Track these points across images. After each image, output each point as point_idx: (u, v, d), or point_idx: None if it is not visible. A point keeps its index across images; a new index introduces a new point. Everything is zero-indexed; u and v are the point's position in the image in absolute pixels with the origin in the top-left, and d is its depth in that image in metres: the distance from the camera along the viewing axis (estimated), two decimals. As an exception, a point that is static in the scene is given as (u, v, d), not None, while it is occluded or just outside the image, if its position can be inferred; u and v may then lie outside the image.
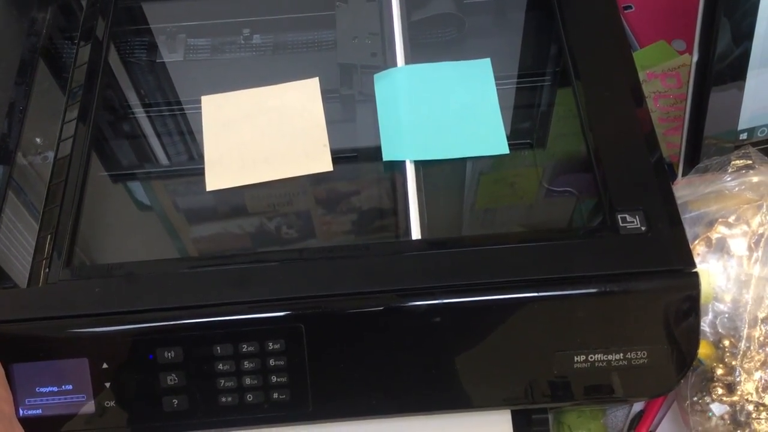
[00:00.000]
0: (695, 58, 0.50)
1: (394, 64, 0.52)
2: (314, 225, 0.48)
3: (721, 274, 0.51)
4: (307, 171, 0.48)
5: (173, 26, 0.59)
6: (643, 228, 0.44)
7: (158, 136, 0.54)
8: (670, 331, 0.43)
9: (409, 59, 0.52)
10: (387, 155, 0.48)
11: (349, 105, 0.53)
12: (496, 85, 0.52)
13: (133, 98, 0.56)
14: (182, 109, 0.55)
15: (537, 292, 0.42)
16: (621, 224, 0.44)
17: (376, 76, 0.52)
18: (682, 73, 0.64)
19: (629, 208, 0.45)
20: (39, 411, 0.42)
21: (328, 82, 0.52)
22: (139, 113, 0.55)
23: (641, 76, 0.51)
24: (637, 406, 0.51)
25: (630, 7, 0.68)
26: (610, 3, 0.54)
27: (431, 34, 0.56)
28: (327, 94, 0.52)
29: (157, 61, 0.57)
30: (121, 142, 0.54)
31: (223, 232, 0.48)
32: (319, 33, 0.58)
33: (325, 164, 0.48)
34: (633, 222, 0.44)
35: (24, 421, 0.41)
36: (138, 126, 0.55)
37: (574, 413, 0.50)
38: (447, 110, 0.50)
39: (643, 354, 0.43)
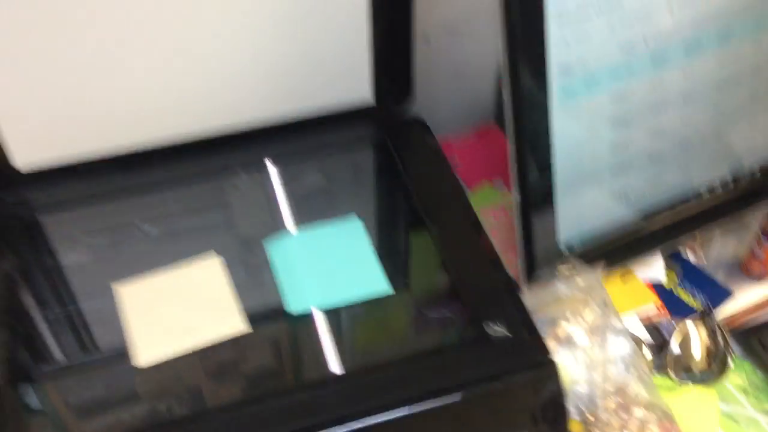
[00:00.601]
0: (516, 198, 0.63)
1: (283, 228, 0.62)
2: (235, 378, 0.55)
3: (572, 362, 0.63)
4: (226, 335, 0.55)
5: (69, 231, 0.65)
6: (507, 333, 0.55)
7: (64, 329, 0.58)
8: (546, 411, 0.53)
9: (293, 222, 0.63)
10: (290, 308, 0.57)
11: (249, 270, 0.61)
12: (366, 235, 0.62)
13: (40, 296, 0.60)
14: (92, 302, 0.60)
15: (433, 399, 0.51)
16: (490, 333, 0.55)
17: (265, 242, 0.61)
18: (506, 207, 0.78)
19: (494, 319, 0.56)
20: None
21: (224, 254, 0.61)
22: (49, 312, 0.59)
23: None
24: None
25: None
26: (444, 163, 0.68)
27: (305, 201, 0.67)
28: (228, 263, 0.60)
29: (58, 263, 0.63)
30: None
31: (153, 408, 0.53)
32: (207, 216, 0.67)
33: (241, 326, 0.56)
34: (499, 330, 0.55)
35: None
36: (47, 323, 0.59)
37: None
38: (332, 263, 0.60)
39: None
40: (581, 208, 0.67)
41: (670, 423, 0.59)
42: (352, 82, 0.72)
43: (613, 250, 0.69)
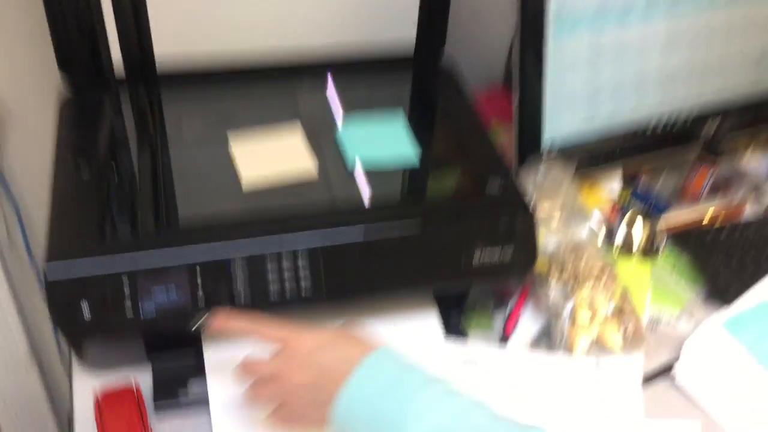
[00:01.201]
0: (516, 98, 0.88)
1: (342, 118, 0.87)
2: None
3: (543, 231, 0.87)
4: (301, 177, 0.80)
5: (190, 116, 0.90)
6: (501, 191, 0.79)
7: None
8: (525, 237, 0.77)
9: (350, 114, 0.88)
10: (347, 164, 0.82)
11: (320, 141, 0.86)
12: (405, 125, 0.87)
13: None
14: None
15: (437, 225, 0.75)
16: (487, 192, 0.79)
17: (331, 126, 0.86)
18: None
19: (491, 185, 0.80)
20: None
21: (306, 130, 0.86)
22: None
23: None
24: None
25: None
26: (464, 88, 0.93)
27: (359, 103, 0.92)
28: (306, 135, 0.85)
29: (184, 134, 0.88)
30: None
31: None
32: (286, 109, 0.92)
33: (313, 171, 0.80)
34: (495, 188, 0.79)
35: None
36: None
37: (473, 313, 0.82)
38: (378, 139, 0.85)
39: (511, 250, 0.76)
40: (562, 120, 0.90)
41: (611, 269, 0.82)
42: (401, 30, 0.98)
43: (582, 158, 0.93)
